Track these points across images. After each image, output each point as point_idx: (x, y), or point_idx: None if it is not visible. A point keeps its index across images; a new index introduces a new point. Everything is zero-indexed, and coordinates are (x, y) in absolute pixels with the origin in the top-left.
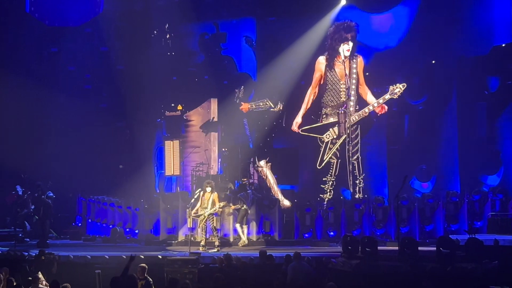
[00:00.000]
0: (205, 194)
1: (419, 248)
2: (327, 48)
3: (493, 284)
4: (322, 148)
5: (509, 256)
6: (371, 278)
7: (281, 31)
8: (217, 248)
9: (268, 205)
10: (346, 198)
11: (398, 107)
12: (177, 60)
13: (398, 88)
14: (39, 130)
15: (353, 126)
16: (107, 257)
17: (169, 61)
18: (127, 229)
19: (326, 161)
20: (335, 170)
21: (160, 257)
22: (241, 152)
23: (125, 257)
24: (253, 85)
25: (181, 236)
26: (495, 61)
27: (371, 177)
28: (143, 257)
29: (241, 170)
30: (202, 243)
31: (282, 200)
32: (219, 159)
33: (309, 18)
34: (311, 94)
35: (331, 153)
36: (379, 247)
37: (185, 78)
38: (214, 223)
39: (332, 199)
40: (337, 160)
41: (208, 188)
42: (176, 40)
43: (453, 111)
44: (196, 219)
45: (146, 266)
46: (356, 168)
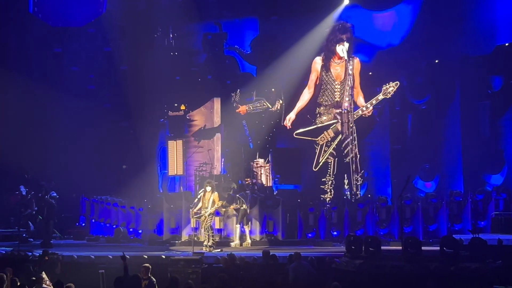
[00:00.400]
0: (205, 194)
1: (423, 248)
2: (323, 49)
3: (497, 284)
4: (317, 151)
5: None
6: (374, 278)
7: (284, 31)
8: (209, 248)
9: (271, 205)
10: (349, 198)
11: (401, 107)
12: (180, 60)
13: (391, 87)
14: (43, 131)
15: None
16: (110, 257)
17: (172, 61)
18: (131, 229)
19: (322, 162)
20: (333, 169)
21: (164, 257)
22: (244, 151)
23: (128, 257)
24: (254, 86)
25: (184, 236)
26: (498, 60)
27: (374, 176)
28: (146, 257)
29: (244, 170)
30: (205, 243)
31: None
32: (222, 159)
33: (312, 17)
34: (306, 94)
35: (327, 154)
36: (382, 247)
37: (188, 78)
38: (211, 222)
39: (335, 198)
40: (334, 159)
41: (208, 188)
42: (179, 40)
43: (456, 111)
44: (199, 219)
45: (150, 266)
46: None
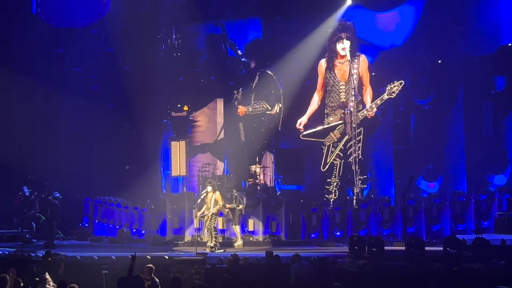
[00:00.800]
0: (207, 194)
1: (426, 248)
2: (326, 49)
3: (501, 284)
4: (325, 152)
5: None
6: (377, 278)
7: (287, 31)
8: (211, 249)
9: (274, 205)
10: (352, 198)
11: (404, 107)
12: (183, 60)
13: (396, 86)
14: (46, 131)
15: (357, 126)
16: (114, 257)
17: (175, 62)
18: (134, 230)
19: (329, 163)
20: (339, 170)
21: (167, 257)
22: (247, 152)
23: (130, 257)
24: (254, 86)
25: (187, 237)
26: (501, 60)
27: (377, 177)
28: (149, 257)
29: (247, 171)
30: (208, 243)
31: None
32: (225, 160)
33: (315, 17)
34: (316, 98)
35: (334, 155)
36: (385, 247)
37: (191, 78)
38: (214, 222)
39: (338, 199)
40: (341, 161)
41: (209, 188)
42: (182, 41)
43: (460, 111)
44: (202, 219)
45: (153, 267)
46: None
